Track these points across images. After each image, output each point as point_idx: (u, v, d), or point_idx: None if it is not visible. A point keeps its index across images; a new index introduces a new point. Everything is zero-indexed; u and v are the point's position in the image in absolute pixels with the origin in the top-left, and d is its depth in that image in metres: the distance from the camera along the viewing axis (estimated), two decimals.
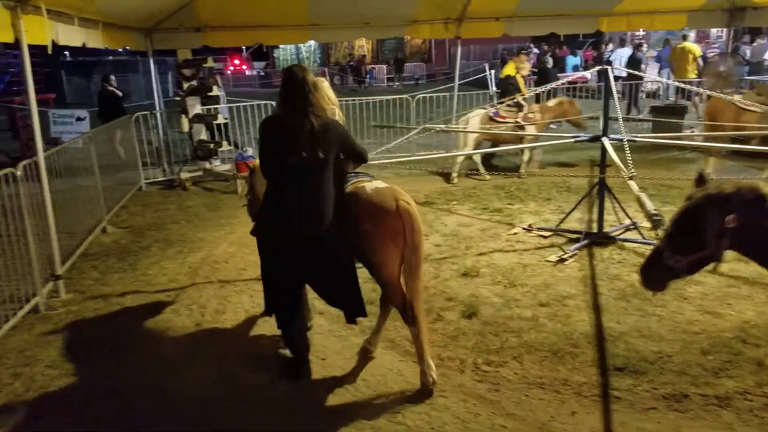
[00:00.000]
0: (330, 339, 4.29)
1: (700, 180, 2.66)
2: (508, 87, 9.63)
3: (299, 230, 3.40)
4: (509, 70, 9.85)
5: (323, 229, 3.42)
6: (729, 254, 2.60)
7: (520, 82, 9.64)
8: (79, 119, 10.66)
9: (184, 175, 9.11)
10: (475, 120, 8.80)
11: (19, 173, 4.78)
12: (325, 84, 3.79)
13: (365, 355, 3.98)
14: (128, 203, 8.15)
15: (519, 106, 8.90)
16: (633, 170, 4.69)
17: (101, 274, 5.67)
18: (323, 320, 4.54)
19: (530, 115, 8.73)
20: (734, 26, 10.07)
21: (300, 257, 3.48)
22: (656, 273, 2.68)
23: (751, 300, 4.56)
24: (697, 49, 13.19)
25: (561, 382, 3.59)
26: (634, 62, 14.84)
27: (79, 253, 6.03)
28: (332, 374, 3.82)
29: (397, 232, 3.49)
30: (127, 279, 5.53)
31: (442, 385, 3.60)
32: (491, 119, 8.79)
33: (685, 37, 13.10)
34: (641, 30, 18.36)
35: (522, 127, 8.59)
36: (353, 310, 3.70)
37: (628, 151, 5.10)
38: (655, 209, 3.91)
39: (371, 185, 3.65)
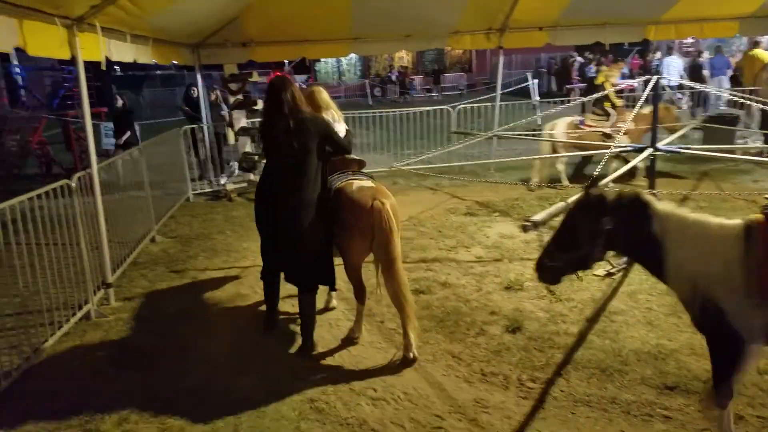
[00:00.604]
0: (370, 350, 4.29)
1: (592, 183, 2.87)
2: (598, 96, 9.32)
3: (278, 204, 4.12)
4: (601, 77, 9.59)
5: (299, 206, 4.05)
6: None
7: (610, 91, 9.08)
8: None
9: (229, 187, 9.30)
10: (560, 127, 8.62)
11: (73, 184, 4.96)
12: (323, 93, 4.74)
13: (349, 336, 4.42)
14: (176, 213, 8.36)
15: (608, 115, 8.67)
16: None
17: (150, 282, 5.82)
18: (363, 332, 4.54)
19: (620, 124, 8.28)
20: None
21: (277, 228, 4.17)
22: (545, 268, 2.89)
23: None
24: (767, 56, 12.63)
25: (609, 400, 3.49)
26: (695, 69, 14.38)
27: (129, 262, 6.20)
28: (373, 386, 3.81)
29: (366, 227, 4.01)
30: (174, 287, 5.67)
31: (485, 401, 3.55)
32: (577, 127, 8.61)
33: (756, 44, 12.62)
34: (690, 38, 17.86)
35: (609, 136, 8.26)
36: (330, 283, 4.48)
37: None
38: (531, 218, 3.90)
39: (358, 183, 4.22)
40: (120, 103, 11.17)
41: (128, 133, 10.62)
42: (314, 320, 4.40)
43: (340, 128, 4.60)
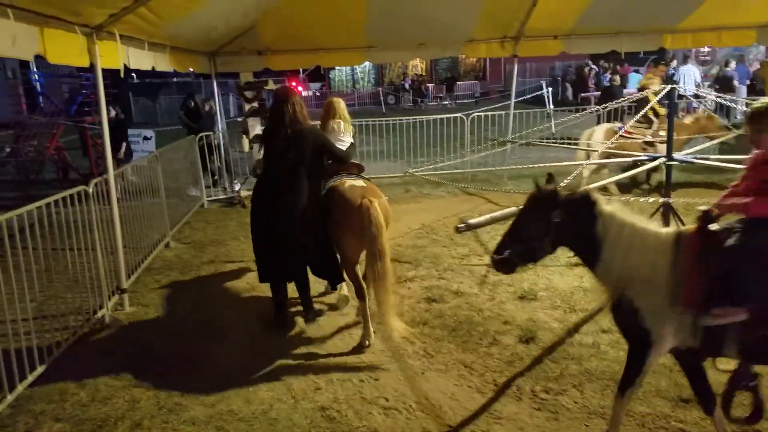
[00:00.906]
0: (382, 359, 4.27)
1: (549, 180, 3.03)
2: (640, 102, 9.07)
3: (275, 206, 4.47)
4: (643, 81, 9.45)
5: (293, 208, 4.42)
6: None
7: (651, 97, 9.19)
8: (145, 138, 11.12)
9: (243, 193, 9.34)
10: (599, 134, 8.48)
11: (90, 190, 5.01)
12: (341, 103, 5.11)
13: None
14: (191, 220, 8.42)
15: (650, 122, 8.55)
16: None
17: (164, 288, 5.86)
18: (375, 340, 4.53)
19: (661, 133, 8.14)
20: None
21: (274, 229, 4.50)
22: (499, 259, 2.99)
23: None
24: None
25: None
26: (725, 80, 14.21)
27: (143, 268, 6.25)
28: (385, 395, 3.80)
29: (356, 224, 4.23)
30: (188, 293, 5.70)
31: (498, 411, 3.52)
32: (616, 134, 8.45)
33: None
34: (706, 47, 17.72)
35: (651, 144, 8.13)
36: (331, 278, 4.86)
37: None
38: (466, 220, 4.31)
39: (350, 182, 4.52)
40: (113, 113, 10.73)
41: (125, 145, 10.52)
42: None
43: (346, 140, 4.94)
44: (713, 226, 2.74)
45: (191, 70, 8.63)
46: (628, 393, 2.97)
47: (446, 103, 28.72)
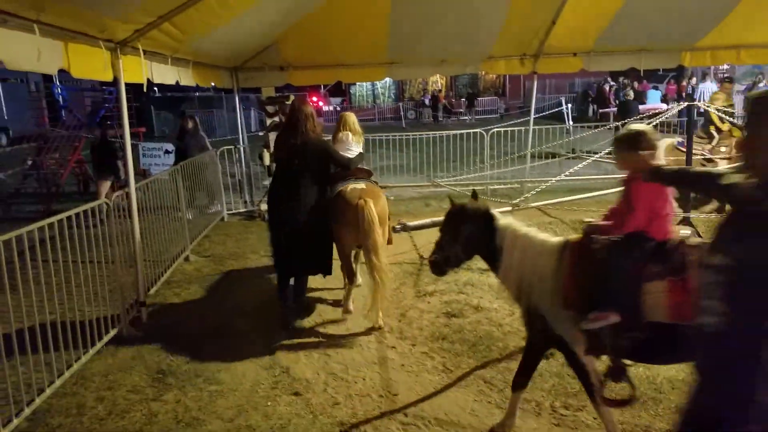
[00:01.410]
0: (402, 374, 4.23)
1: (473, 196, 3.53)
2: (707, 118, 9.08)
3: (282, 206, 5.00)
4: (714, 99, 9.36)
5: (299, 212, 4.91)
6: None
7: (713, 114, 8.94)
8: (167, 152, 11.23)
9: (263, 207, 9.38)
10: (659, 149, 8.43)
11: (110, 203, 5.05)
12: (351, 116, 5.74)
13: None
14: (211, 233, 8.46)
15: (711, 138, 8.43)
16: None
17: (183, 301, 5.87)
18: (395, 355, 4.49)
19: (722, 149, 8.05)
20: None
21: (282, 226, 4.99)
22: (432, 262, 3.46)
23: None
24: None
25: (643, 428, 3.41)
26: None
27: (163, 281, 6.27)
28: (404, 411, 3.75)
29: (352, 221, 4.78)
30: (207, 307, 5.70)
31: (518, 428, 3.45)
32: (676, 149, 8.45)
33: None
34: (726, 64, 17.52)
35: (711, 160, 8.04)
36: (324, 271, 5.22)
37: None
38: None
39: (353, 185, 5.04)
40: (98, 132, 10.24)
41: (112, 178, 9.90)
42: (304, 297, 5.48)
43: (354, 149, 5.46)
44: (595, 238, 2.98)
45: (213, 84, 8.73)
46: (519, 386, 3.34)
47: (466, 118, 28.71)
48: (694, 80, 20.29)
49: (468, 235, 3.34)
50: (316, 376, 4.27)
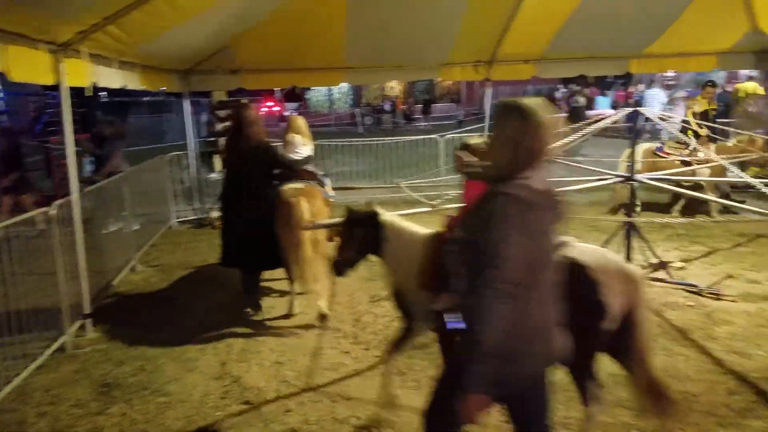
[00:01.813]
0: (355, 379, 4.22)
1: (367, 205, 3.81)
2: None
3: (231, 206, 5.51)
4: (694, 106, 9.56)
5: (249, 212, 5.33)
6: None
7: (691, 119, 9.06)
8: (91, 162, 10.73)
9: (213, 214, 9.18)
10: (637, 153, 8.54)
11: (53, 212, 4.85)
12: (298, 120, 6.14)
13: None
14: (158, 242, 8.24)
15: (688, 144, 8.54)
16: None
17: (129, 312, 5.69)
18: (348, 360, 4.51)
19: (700, 154, 8.12)
20: (761, 68, 9.87)
21: (237, 228, 5.42)
22: (333, 263, 3.78)
23: None
24: (754, 88, 12.39)
25: (576, 420, 3.46)
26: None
27: (108, 292, 6.07)
28: (356, 414, 3.78)
29: (284, 218, 5.10)
30: (155, 317, 5.54)
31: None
32: (654, 153, 8.62)
33: (751, 78, 12.74)
34: (671, 71, 18.20)
35: (688, 164, 8.11)
36: (276, 266, 5.49)
37: None
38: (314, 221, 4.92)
39: (291, 185, 5.40)
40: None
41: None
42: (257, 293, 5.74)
43: (302, 151, 5.77)
44: (453, 232, 3.17)
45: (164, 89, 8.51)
46: (392, 352, 3.77)
47: (422, 125, 28.84)
48: (641, 86, 20.99)
49: (361, 237, 3.66)
50: (268, 384, 4.22)
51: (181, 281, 6.56)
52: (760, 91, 12.18)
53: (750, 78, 12.76)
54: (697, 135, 8.81)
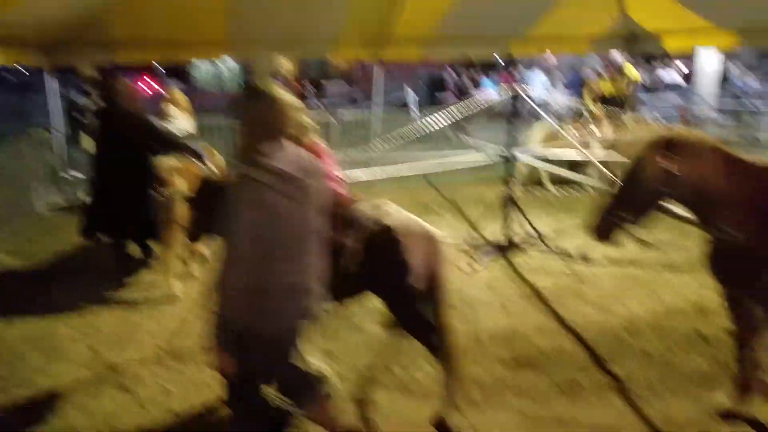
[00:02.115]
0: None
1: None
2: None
3: (104, 179, 5.43)
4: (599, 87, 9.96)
5: (120, 180, 5.25)
6: None
7: (587, 99, 9.65)
8: None
9: (82, 197, 8.39)
10: (536, 132, 8.98)
11: None
12: (176, 93, 6.87)
13: None
14: (21, 228, 7.46)
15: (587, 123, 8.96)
16: None
17: None
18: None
19: (597, 134, 8.65)
20: (631, 53, 10.60)
21: (107, 196, 5.39)
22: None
23: (638, 298, 5.09)
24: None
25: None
26: None
27: None
28: None
29: (159, 194, 5.11)
30: (18, 310, 5.02)
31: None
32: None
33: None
34: (550, 54, 19.12)
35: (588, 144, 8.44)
36: (150, 236, 5.44)
37: None
38: None
39: (170, 161, 5.36)
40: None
41: None
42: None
43: (181, 123, 6.06)
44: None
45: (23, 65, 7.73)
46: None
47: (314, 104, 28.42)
48: (521, 68, 21.90)
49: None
50: (147, 370, 4.05)
51: (45, 269, 6.07)
52: (636, 74, 13.11)
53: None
54: (593, 115, 9.36)
